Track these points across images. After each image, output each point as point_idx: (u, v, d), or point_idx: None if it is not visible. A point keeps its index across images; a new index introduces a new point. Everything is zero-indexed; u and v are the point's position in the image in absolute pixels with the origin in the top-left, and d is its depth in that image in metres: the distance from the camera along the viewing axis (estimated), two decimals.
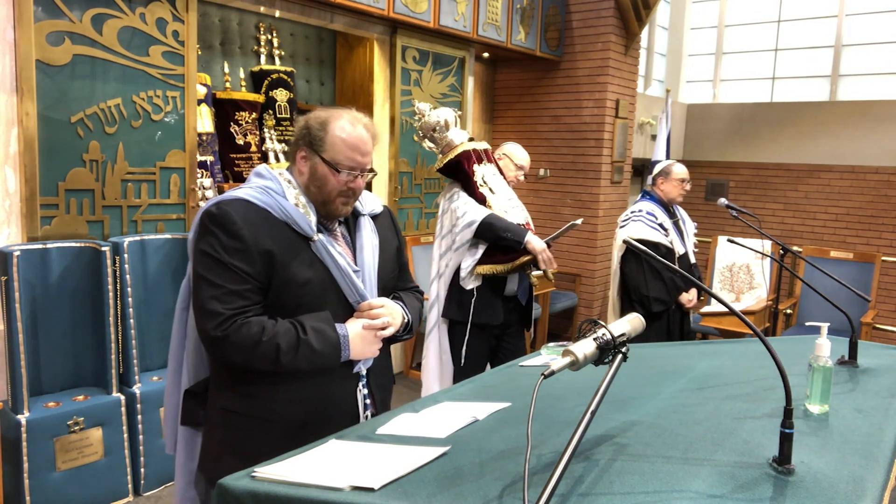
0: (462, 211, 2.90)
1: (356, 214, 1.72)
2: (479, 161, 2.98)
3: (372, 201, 1.78)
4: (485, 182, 2.96)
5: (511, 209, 2.98)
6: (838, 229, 6.35)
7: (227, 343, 1.47)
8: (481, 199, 2.93)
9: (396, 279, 1.83)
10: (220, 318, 1.47)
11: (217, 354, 1.54)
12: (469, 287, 2.91)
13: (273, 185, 1.58)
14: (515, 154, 3.25)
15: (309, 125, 1.60)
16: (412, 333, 1.78)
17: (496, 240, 2.86)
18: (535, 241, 2.86)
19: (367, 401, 1.67)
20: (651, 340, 3.19)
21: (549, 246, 2.98)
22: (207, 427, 1.66)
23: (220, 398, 1.61)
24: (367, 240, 1.69)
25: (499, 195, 2.97)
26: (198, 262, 1.52)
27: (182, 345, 1.71)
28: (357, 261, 1.66)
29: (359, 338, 1.58)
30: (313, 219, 1.58)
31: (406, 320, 1.72)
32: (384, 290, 1.72)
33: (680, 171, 3.59)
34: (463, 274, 2.92)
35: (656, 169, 3.68)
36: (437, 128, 3.02)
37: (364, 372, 1.66)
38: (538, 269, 2.99)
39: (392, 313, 1.65)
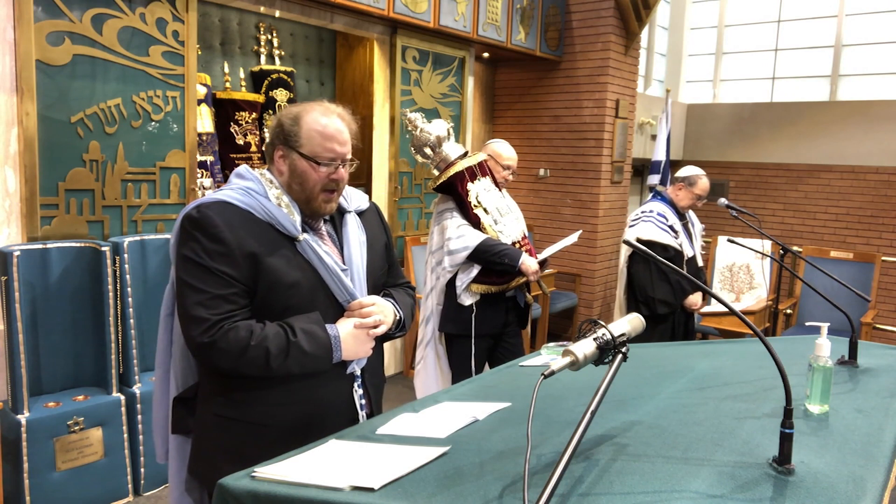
0: (457, 234, 2.87)
1: (342, 212, 1.67)
2: (473, 178, 2.92)
3: (357, 198, 1.74)
4: (479, 202, 2.91)
5: (506, 225, 2.95)
6: (838, 229, 6.35)
7: (215, 349, 1.43)
8: (475, 221, 2.89)
9: (386, 275, 1.79)
10: (206, 324, 1.43)
11: (205, 361, 1.51)
12: (467, 303, 2.91)
13: (254, 186, 1.54)
14: (501, 153, 3.11)
15: (281, 122, 1.56)
16: (405, 330, 1.74)
17: (491, 264, 2.86)
18: (528, 263, 2.86)
19: (363, 401, 1.65)
20: (655, 342, 3.18)
21: (543, 264, 2.98)
22: (199, 432, 1.62)
23: (211, 404, 1.57)
24: (354, 237, 1.65)
25: (493, 213, 2.93)
26: (181, 267, 1.48)
27: (168, 351, 1.68)
28: (345, 259, 1.62)
29: (351, 337, 1.54)
30: (297, 218, 1.54)
31: (398, 317, 1.68)
32: (374, 288, 1.68)
33: (704, 186, 3.51)
34: (458, 291, 2.91)
35: (683, 172, 3.56)
36: (430, 144, 2.96)
37: (358, 372, 1.63)
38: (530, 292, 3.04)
39: (384, 311, 1.61)
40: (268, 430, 1.52)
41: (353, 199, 1.71)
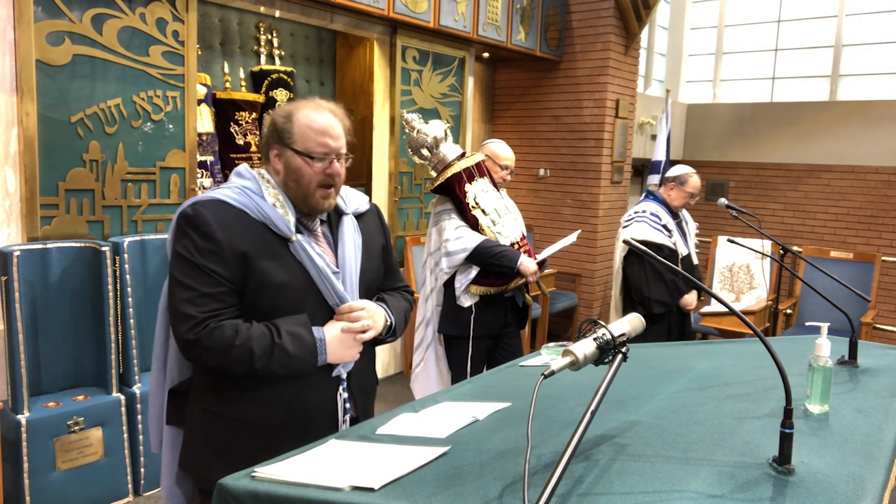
0: (455, 235, 2.86)
1: (339, 213, 1.67)
2: (472, 179, 2.91)
3: (357, 199, 1.73)
4: (477, 203, 2.90)
5: (505, 226, 2.94)
6: (838, 229, 6.35)
7: (200, 346, 1.45)
8: (473, 223, 2.89)
9: (382, 279, 1.78)
10: (192, 322, 1.44)
11: (191, 357, 1.52)
12: (466, 305, 2.91)
13: (251, 185, 1.54)
14: (498, 153, 3.09)
15: (274, 121, 1.57)
16: (396, 336, 1.72)
17: (489, 266, 2.86)
18: (527, 264, 2.86)
19: (348, 405, 1.64)
20: (650, 342, 3.19)
21: (542, 264, 2.97)
22: (189, 426, 1.63)
23: (201, 399, 1.59)
24: (350, 239, 1.64)
25: (492, 214, 2.93)
26: (173, 263, 1.50)
27: (165, 345, 1.68)
28: (338, 261, 1.61)
29: (337, 341, 1.54)
30: (292, 219, 1.54)
31: (389, 323, 1.67)
32: (368, 291, 1.68)
33: (695, 184, 3.51)
34: (457, 293, 2.91)
35: (673, 172, 3.56)
36: (427, 145, 2.95)
37: (344, 375, 1.62)
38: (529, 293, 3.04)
39: (373, 316, 1.61)
40: (253, 428, 1.54)
41: (351, 200, 1.70)
